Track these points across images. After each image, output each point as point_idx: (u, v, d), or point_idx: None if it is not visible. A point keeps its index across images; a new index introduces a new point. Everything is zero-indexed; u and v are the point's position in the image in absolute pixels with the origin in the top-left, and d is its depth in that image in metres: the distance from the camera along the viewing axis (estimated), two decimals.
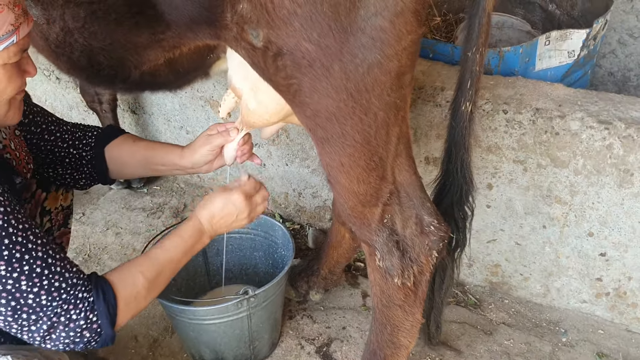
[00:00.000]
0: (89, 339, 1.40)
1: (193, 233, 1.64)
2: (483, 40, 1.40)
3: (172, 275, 1.60)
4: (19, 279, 1.30)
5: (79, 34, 1.56)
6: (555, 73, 2.41)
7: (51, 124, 1.83)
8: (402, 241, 1.54)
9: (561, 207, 2.19)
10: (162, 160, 1.87)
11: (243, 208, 1.70)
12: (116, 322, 1.44)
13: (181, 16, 1.44)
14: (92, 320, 1.39)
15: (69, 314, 1.36)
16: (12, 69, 1.35)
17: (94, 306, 1.39)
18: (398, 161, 1.47)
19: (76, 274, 1.40)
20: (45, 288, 1.33)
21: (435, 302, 1.83)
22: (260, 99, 1.57)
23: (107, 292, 1.42)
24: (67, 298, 1.36)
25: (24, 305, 1.32)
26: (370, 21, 1.23)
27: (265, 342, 2.23)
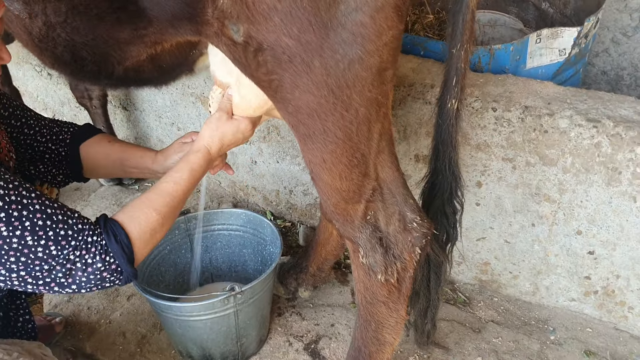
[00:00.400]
0: (110, 279, 1.43)
1: (203, 164, 1.65)
2: (468, 36, 1.39)
3: (182, 206, 1.61)
4: (22, 235, 1.30)
5: (61, 29, 1.55)
6: (546, 71, 2.40)
7: (30, 118, 1.83)
8: (385, 238, 1.54)
9: (550, 205, 2.19)
10: (136, 164, 1.88)
11: (249, 133, 1.72)
12: (134, 259, 1.45)
13: (163, 12, 1.43)
14: (109, 262, 1.41)
15: (84, 259, 1.37)
16: None
17: (108, 248, 1.40)
18: (380, 158, 1.46)
19: (79, 219, 1.40)
20: (52, 238, 1.34)
21: (432, 299, 1.83)
22: (243, 94, 1.57)
23: (119, 233, 1.43)
24: (76, 244, 1.37)
25: (34, 259, 1.32)
26: (350, 16, 1.23)
27: (252, 339, 2.22)
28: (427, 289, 1.81)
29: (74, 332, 2.42)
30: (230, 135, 1.68)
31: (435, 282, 1.81)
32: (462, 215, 1.72)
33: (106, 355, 2.31)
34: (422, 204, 1.70)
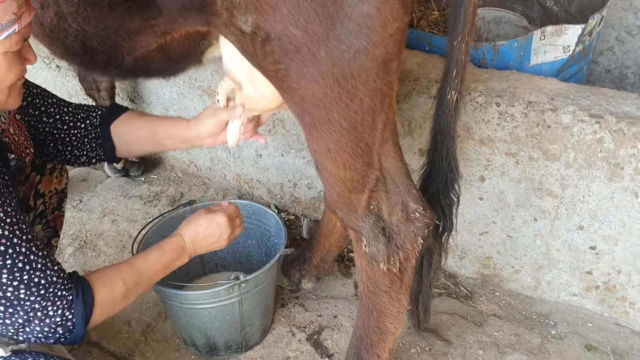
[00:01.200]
0: (61, 335, 1.45)
1: (175, 248, 1.72)
2: (469, 29, 1.42)
3: (148, 286, 1.68)
4: (0, 272, 1.32)
5: (73, 19, 1.58)
6: (550, 68, 2.42)
7: (51, 106, 1.83)
8: (388, 227, 1.56)
9: (552, 200, 2.21)
10: (168, 133, 1.87)
11: (225, 229, 1.81)
12: (89, 322, 1.48)
13: (173, 2, 1.46)
14: (68, 318, 1.43)
15: (46, 310, 1.40)
16: (13, 56, 1.37)
17: (72, 305, 1.43)
18: (384, 148, 1.49)
19: (57, 272, 1.43)
20: (25, 283, 1.36)
21: (424, 285, 1.85)
22: (257, 86, 1.59)
23: (86, 292, 1.46)
24: (45, 295, 1.39)
25: (2, 297, 1.35)
26: (356, 8, 1.25)
27: (256, 328, 2.25)
28: (419, 275, 1.84)
29: None
30: (203, 227, 1.78)
31: (427, 269, 1.83)
32: (458, 206, 1.74)
33: (111, 344, 2.34)
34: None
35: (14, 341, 1.58)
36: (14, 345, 1.54)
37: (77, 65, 1.98)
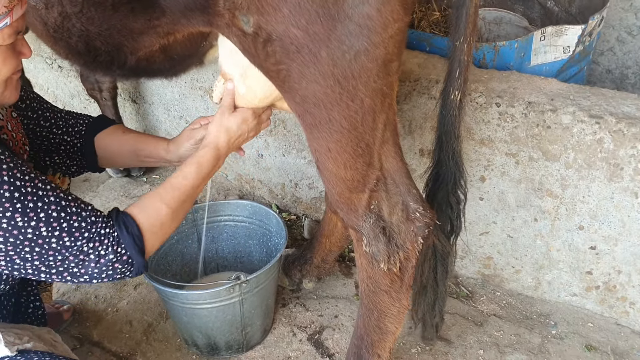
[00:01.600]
0: (122, 270, 1.46)
1: (211, 159, 1.69)
2: (471, 30, 1.43)
3: (192, 201, 1.65)
4: (37, 226, 1.33)
5: (77, 19, 1.59)
6: (550, 68, 2.43)
7: (47, 110, 1.87)
8: (388, 227, 1.57)
9: (552, 200, 2.21)
10: (150, 154, 1.91)
11: (254, 126, 1.77)
12: (145, 251, 1.49)
13: (176, 3, 1.47)
14: (121, 253, 1.44)
15: (97, 250, 1.41)
16: (7, 50, 1.38)
17: (120, 240, 1.44)
18: (385, 148, 1.49)
19: (93, 211, 1.44)
20: (66, 230, 1.37)
21: (440, 292, 1.85)
22: (249, 85, 1.60)
23: (130, 225, 1.46)
24: (89, 236, 1.40)
25: (48, 249, 1.36)
26: (357, 9, 1.26)
27: (257, 328, 2.26)
28: (435, 281, 1.84)
29: (81, 319, 2.46)
30: (235, 127, 1.73)
31: (442, 274, 1.83)
32: (465, 205, 1.74)
33: (113, 343, 2.35)
34: (427, 195, 1.73)
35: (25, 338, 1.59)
36: (20, 345, 1.55)
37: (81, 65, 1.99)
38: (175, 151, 1.89)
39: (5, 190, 1.29)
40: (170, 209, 1.55)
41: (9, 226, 1.30)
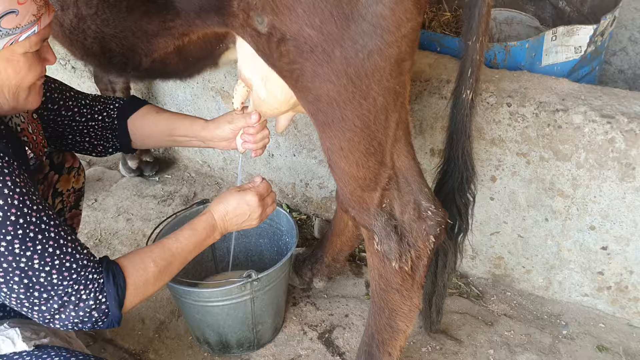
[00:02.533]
0: (96, 319, 1.45)
1: (206, 227, 1.70)
2: (483, 29, 1.43)
3: (181, 266, 1.66)
4: (32, 257, 1.35)
5: (92, 21, 1.61)
6: (561, 68, 2.43)
7: (69, 99, 1.86)
8: (400, 226, 1.58)
9: (563, 200, 2.21)
10: (185, 131, 1.90)
11: (255, 208, 1.77)
12: (124, 305, 1.48)
13: (190, 4, 1.48)
14: (101, 301, 1.44)
15: (79, 294, 1.41)
16: (33, 57, 1.40)
17: (104, 287, 1.44)
18: (397, 147, 1.50)
19: (87, 255, 1.45)
20: (57, 267, 1.38)
21: (438, 286, 1.86)
22: (270, 89, 1.61)
23: (117, 275, 1.47)
24: (77, 278, 1.41)
25: (35, 283, 1.37)
26: (371, 8, 1.27)
27: (268, 326, 2.27)
28: (434, 275, 1.84)
29: None
30: (234, 204, 1.75)
31: (441, 270, 1.84)
32: (473, 206, 1.75)
33: (125, 340, 2.38)
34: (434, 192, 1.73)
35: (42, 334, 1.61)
36: (37, 340, 1.57)
37: (96, 67, 2.01)
38: (214, 129, 1.87)
39: (12, 214, 1.31)
40: (157, 269, 1.56)
41: (6, 251, 1.32)
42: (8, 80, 1.38)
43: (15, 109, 1.48)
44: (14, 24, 1.30)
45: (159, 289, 1.61)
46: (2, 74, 1.37)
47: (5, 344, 1.56)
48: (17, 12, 1.30)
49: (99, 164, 3.42)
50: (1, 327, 1.61)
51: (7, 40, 1.31)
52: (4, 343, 1.57)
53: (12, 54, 1.35)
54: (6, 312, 1.66)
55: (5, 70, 1.36)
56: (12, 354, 1.56)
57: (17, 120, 1.63)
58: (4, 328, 1.60)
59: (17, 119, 1.62)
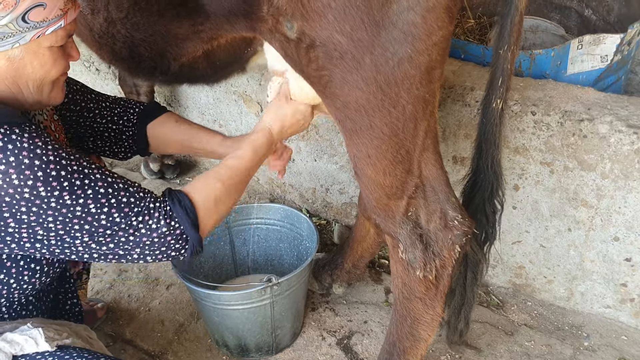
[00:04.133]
0: (175, 246, 1.45)
1: (265, 142, 1.72)
2: (515, 38, 1.42)
3: (246, 183, 1.66)
4: (85, 203, 1.34)
5: (122, 25, 1.63)
6: (587, 77, 2.41)
7: (90, 101, 1.88)
8: (425, 234, 1.57)
9: (587, 210, 2.19)
10: (202, 145, 1.91)
11: (308, 116, 1.79)
12: (199, 226, 1.47)
13: (220, 7, 1.49)
14: (174, 226, 1.43)
15: (147, 224, 1.40)
16: (58, 51, 1.42)
17: (172, 213, 1.43)
18: (425, 155, 1.50)
19: (139, 188, 1.45)
20: (115, 205, 1.37)
21: (467, 298, 1.84)
22: (301, 85, 1.62)
23: (182, 199, 1.46)
24: (139, 210, 1.40)
25: (98, 227, 1.36)
26: (402, 16, 1.27)
27: (287, 331, 2.27)
28: (463, 287, 1.83)
29: (115, 318, 2.50)
30: (289, 116, 1.75)
31: (472, 281, 1.83)
32: (501, 215, 1.74)
33: (145, 342, 2.39)
34: (462, 202, 1.72)
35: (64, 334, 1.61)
36: (59, 340, 1.58)
37: (124, 71, 2.03)
38: (230, 147, 1.87)
39: (52, 169, 1.30)
40: (224, 186, 1.54)
41: (58, 205, 1.31)
42: (33, 74, 1.40)
43: (39, 103, 1.49)
44: (42, 17, 1.32)
45: (232, 205, 1.60)
46: (28, 66, 1.38)
47: (28, 344, 1.57)
48: (44, 5, 1.32)
49: (120, 165, 3.44)
50: (24, 327, 1.62)
51: (35, 33, 1.33)
52: (27, 343, 1.58)
53: (38, 47, 1.37)
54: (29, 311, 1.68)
55: (31, 63, 1.38)
56: (34, 353, 1.56)
57: (40, 118, 1.65)
58: (27, 328, 1.61)
59: (40, 116, 1.64)
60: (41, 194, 1.29)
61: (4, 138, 1.26)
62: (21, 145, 1.27)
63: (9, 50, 1.32)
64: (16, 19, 1.29)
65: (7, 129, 1.27)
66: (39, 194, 1.29)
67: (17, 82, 1.39)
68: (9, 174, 1.26)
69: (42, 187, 1.28)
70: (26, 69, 1.38)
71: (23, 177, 1.26)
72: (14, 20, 1.28)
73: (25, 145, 1.28)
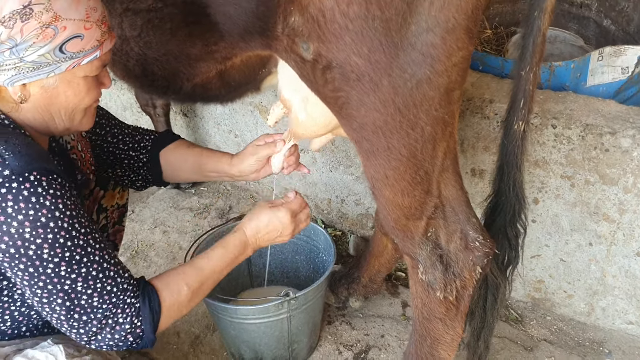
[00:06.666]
0: (131, 342, 1.48)
1: (238, 245, 1.71)
2: (537, 59, 1.39)
3: (213, 284, 1.68)
4: (76, 280, 1.37)
5: (135, 43, 1.62)
6: (607, 89, 2.37)
7: (114, 127, 1.93)
8: (445, 255, 1.55)
9: (609, 225, 2.15)
10: (213, 168, 1.95)
11: (288, 225, 1.76)
12: (158, 328, 1.51)
13: (234, 26, 1.48)
14: (137, 325, 1.47)
15: (117, 317, 1.44)
16: (92, 81, 1.44)
17: (140, 312, 1.47)
18: (444, 176, 1.47)
19: (127, 279, 1.47)
20: (98, 291, 1.41)
21: (487, 320, 1.81)
22: (309, 111, 1.60)
23: (153, 300, 1.49)
24: (116, 302, 1.44)
25: (77, 305, 1.40)
26: (421, 37, 1.24)
27: (304, 345, 2.26)
28: (483, 309, 1.80)
29: None
30: (265, 221, 1.74)
31: (492, 304, 1.80)
32: (524, 238, 1.71)
33: (160, 354, 2.39)
34: (484, 224, 1.69)
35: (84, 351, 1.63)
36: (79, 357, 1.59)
37: (137, 88, 2.03)
38: (239, 165, 1.92)
39: (62, 236, 1.33)
40: (190, 291, 1.57)
41: (52, 273, 1.35)
42: (66, 102, 1.42)
43: (69, 130, 1.51)
44: (78, 47, 1.33)
45: (192, 309, 1.63)
46: (62, 95, 1.40)
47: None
48: (82, 36, 1.33)
49: None
50: (45, 343, 1.63)
51: (71, 63, 1.34)
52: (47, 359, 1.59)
53: (73, 76, 1.38)
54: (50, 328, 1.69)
55: (65, 92, 1.39)
56: None
57: (67, 138, 1.68)
58: (47, 344, 1.62)
59: (67, 136, 1.67)
60: (43, 256, 1.32)
61: (31, 189, 1.29)
62: (43, 202, 1.30)
63: (44, 79, 1.34)
64: (54, 49, 1.30)
65: (35, 177, 1.30)
66: (41, 255, 1.32)
67: (49, 110, 1.41)
68: (24, 226, 1.29)
69: (47, 249, 1.32)
70: (59, 97, 1.39)
71: (35, 233, 1.30)
72: (51, 51, 1.30)
73: (47, 204, 1.30)
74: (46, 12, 1.26)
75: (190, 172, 1.98)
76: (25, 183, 1.27)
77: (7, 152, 1.28)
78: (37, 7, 1.25)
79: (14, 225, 1.27)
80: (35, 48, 1.28)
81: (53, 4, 1.26)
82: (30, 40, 1.26)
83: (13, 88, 1.33)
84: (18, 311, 1.53)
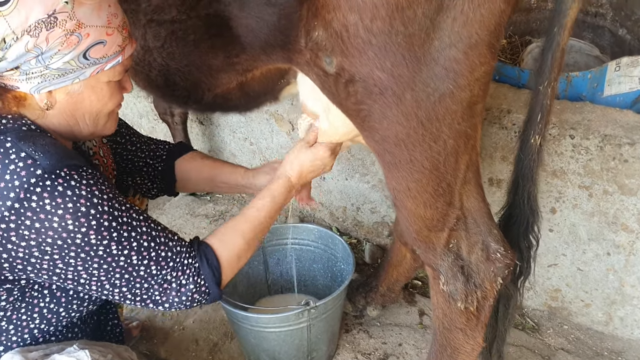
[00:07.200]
0: (199, 299, 1.54)
1: (284, 192, 1.76)
2: (555, 74, 1.40)
3: (266, 231, 1.73)
4: (129, 254, 1.41)
5: (158, 54, 1.65)
6: (624, 99, 2.36)
7: (133, 135, 1.98)
8: (467, 266, 1.56)
9: (628, 235, 2.15)
10: (226, 179, 2.00)
11: (328, 160, 1.82)
12: (221, 282, 1.56)
13: (256, 39, 1.50)
14: (200, 284, 1.52)
15: (179, 279, 1.49)
16: (115, 86, 1.48)
17: (200, 271, 1.51)
18: (466, 188, 1.49)
19: (179, 242, 1.52)
20: (154, 259, 1.45)
21: (499, 330, 1.82)
22: (331, 120, 1.62)
23: (210, 258, 1.54)
24: (174, 265, 1.48)
25: (136, 277, 1.44)
26: (444, 52, 1.26)
27: (322, 353, 2.27)
28: (495, 320, 1.81)
29: (149, 336, 2.53)
30: (308, 163, 1.78)
31: (504, 314, 1.80)
32: (537, 250, 1.71)
33: None
34: None
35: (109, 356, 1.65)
36: None
37: (158, 97, 2.06)
38: (252, 179, 1.97)
39: (105, 219, 1.36)
40: (245, 242, 1.62)
41: (104, 254, 1.38)
42: (90, 107, 1.45)
43: (93, 135, 1.55)
44: (101, 53, 1.37)
45: (251, 257, 1.69)
46: (86, 101, 1.43)
47: None
48: (105, 42, 1.36)
49: None
50: (71, 348, 1.65)
51: (94, 69, 1.38)
52: None
53: (96, 82, 1.41)
54: (74, 333, 1.71)
55: (89, 97, 1.43)
56: None
57: (90, 144, 1.72)
58: (73, 350, 1.65)
59: (89, 142, 1.71)
60: (91, 241, 1.35)
61: (64, 183, 1.31)
62: (80, 192, 1.32)
63: (69, 85, 1.37)
64: (78, 56, 1.33)
65: (67, 173, 1.32)
66: (89, 241, 1.34)
67: (74, 115, 1.45)
68: (66, 219, 1.31)
69: (93, 235, 1.34)
70: (84, 103, 1.43)
71: (78, 223, 1.32)
72: (75, 58, 1.33)
73: (83, 194, 1.33)
74: (70, 20, 1.28)
75: (202, 182, 2.03)
76: (58, 179, 1.30)
77: (37, 153, 1.31)
78: (61, 15, 1.27)
79: (55, 220, 1.30)
80: (60, 55, 1.30)
81: (76, 11, 1.29)
82: (56, 48, 1.29)
83: (39, 95, 1.36)
84: (47, 308, 1.55)
